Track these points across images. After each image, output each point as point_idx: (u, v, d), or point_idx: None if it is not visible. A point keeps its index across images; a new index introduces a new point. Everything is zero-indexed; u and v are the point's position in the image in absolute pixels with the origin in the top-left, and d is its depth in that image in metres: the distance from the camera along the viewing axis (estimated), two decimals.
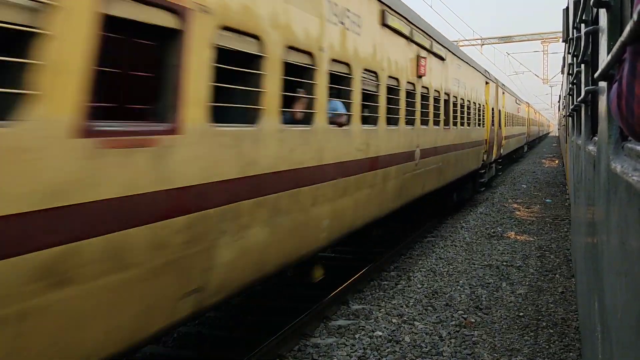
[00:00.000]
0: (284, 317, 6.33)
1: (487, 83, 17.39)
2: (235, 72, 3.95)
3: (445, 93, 10.95)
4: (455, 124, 11.96)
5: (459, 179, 12.80)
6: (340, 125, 5.84)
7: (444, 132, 10.97)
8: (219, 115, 3.73)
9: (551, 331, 6.13)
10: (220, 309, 6.66)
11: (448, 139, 11.28)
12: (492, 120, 18.20)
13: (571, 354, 5.54)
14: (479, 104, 15.55)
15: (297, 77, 4.89)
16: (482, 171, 16.55)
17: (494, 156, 18.81)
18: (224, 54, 3.78)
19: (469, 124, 13.83)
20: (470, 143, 13.93)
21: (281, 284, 7.27)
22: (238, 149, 3.98)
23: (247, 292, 6.30)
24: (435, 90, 10.02)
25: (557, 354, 5.55)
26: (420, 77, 8.83)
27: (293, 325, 5.99)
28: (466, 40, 47.72)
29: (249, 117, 4.15)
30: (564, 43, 8.24)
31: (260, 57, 4.15)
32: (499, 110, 20.43)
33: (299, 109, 5.05)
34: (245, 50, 4.02)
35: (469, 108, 13.78)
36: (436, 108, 10.23)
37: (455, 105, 11.93)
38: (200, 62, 3.52)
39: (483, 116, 16.32)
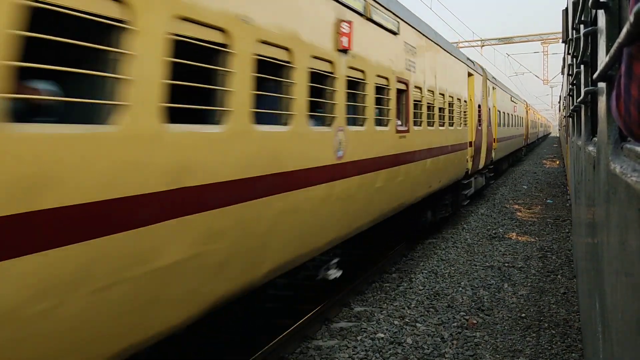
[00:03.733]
0: (286, 319, 6.34)
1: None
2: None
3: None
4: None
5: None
6: None
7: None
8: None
9: (553, 332, 6.13)
10: (221, 311, 6.65)
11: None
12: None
13: (573, 354, 5.54)
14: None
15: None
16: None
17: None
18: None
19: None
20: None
21: (282, 286, 7.27)
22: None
23: (248, 294, 6.33)
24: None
25: (559, 354, 5.55)
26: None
27: (295, 327, 6.00)
28: (466, 41, 47.79)
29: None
30: (563, 44, 8.26)
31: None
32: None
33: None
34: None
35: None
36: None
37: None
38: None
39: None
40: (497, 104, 19.86)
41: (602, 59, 2.10)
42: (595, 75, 1.81)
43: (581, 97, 4.08)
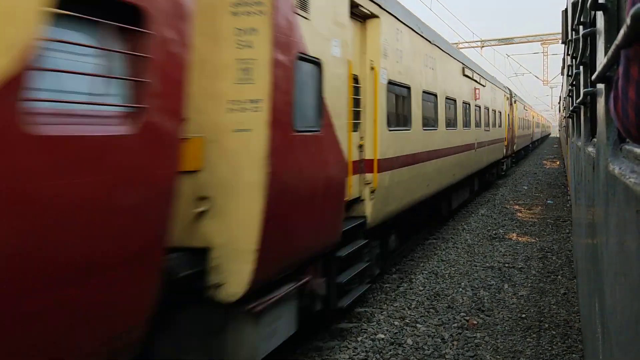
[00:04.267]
0: None
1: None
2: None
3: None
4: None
5: None
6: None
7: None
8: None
9: (554, 332, 6.13)
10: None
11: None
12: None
13: (574, 355, 5.54)
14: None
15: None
16: None
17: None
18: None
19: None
20: None
21: None
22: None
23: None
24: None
25: (559, 355, 5.55)
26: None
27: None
28: (466, 42, 47.79)
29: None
30: (563, 45, 8.27)
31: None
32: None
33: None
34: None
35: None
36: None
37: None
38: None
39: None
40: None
41: (601, 60, 2.10)
42: (594, 77, 1.82)
43: (580, 98, 4.09)
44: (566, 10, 7.13)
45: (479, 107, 15.94)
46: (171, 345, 4.23)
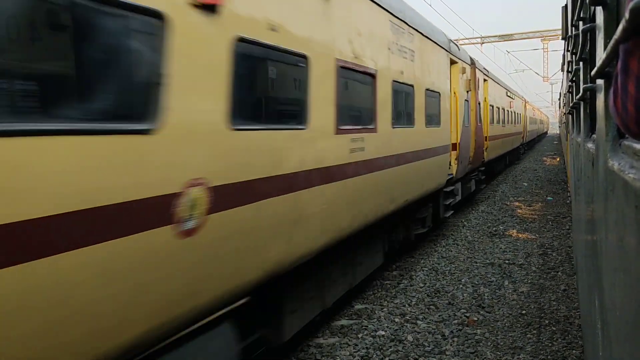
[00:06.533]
0: None
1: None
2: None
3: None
4: None
5: None
6: None
7: None
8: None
9: (554, 329, 6.13)
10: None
11: None
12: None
13: (574, 351, 5.54)
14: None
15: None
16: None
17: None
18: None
19: None
20: None
21: None
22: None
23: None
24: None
25: (559, 351, 5.56)
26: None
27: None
28: (466, 38, 47.75)
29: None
30: (563, 41, 8.25)
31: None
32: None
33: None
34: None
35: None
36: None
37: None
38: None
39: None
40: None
41: (600, 56, 2.09)
42: (593, 72, 1.81)
43: (580, 94, 4.08)
44: (566, 6, 7.12)
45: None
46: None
